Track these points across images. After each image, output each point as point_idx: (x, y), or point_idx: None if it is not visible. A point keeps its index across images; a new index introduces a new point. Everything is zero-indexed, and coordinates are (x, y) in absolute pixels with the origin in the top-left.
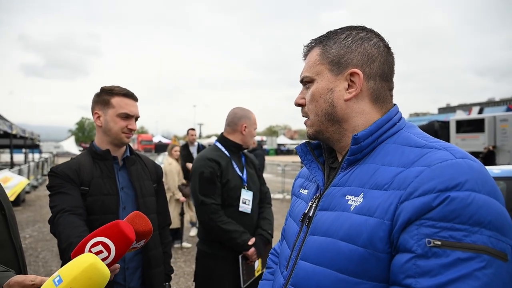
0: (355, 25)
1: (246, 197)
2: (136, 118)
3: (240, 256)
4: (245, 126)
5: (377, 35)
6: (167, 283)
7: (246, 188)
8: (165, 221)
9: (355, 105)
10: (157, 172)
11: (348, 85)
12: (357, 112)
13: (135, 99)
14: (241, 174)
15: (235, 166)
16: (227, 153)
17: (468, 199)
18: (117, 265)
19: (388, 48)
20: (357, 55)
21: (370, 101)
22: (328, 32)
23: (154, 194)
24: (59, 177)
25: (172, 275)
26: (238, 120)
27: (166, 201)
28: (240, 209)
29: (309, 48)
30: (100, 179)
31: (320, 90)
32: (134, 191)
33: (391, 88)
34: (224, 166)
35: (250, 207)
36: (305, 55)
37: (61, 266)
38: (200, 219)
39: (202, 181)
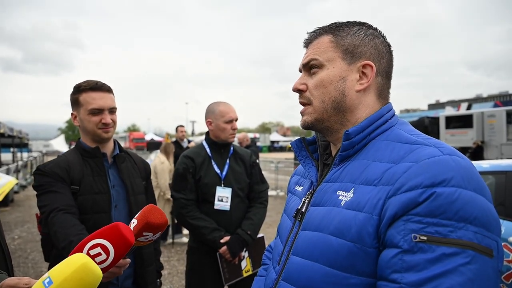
0: (359, 21)
1: (223, 194)
2: (111, 109)
3: (217, 253)
4: (210, 121)
5: (382, 34)
6: (158, 280)
7: (223, 185)
8: None
9: (363, 97)
10: (146, 169)
11: (359, 76)
12: (363, 105)
13: (105, 90)
14: (219, 171)
15: (213, 163)
16: (208, 150)
17: (454, 195)
18: (128, 260)
19: (391, 48)
20: (370, 49)
21: (375, 95)
22: (335, 23)
23: (144, 192)
24: (47, 175)
25: (166, 274)
26: (205, 117)
27: (154, 198)
28: (216, 206)
29: (316, 35)
30: (91, 177)
31: (332, 77)
32: (125, 189)
33: (390, 87)
34: (199, 162)
35: (228, 204)
36: (308, 42)
37: None
38: (175, 213)
39: (175, 177)
